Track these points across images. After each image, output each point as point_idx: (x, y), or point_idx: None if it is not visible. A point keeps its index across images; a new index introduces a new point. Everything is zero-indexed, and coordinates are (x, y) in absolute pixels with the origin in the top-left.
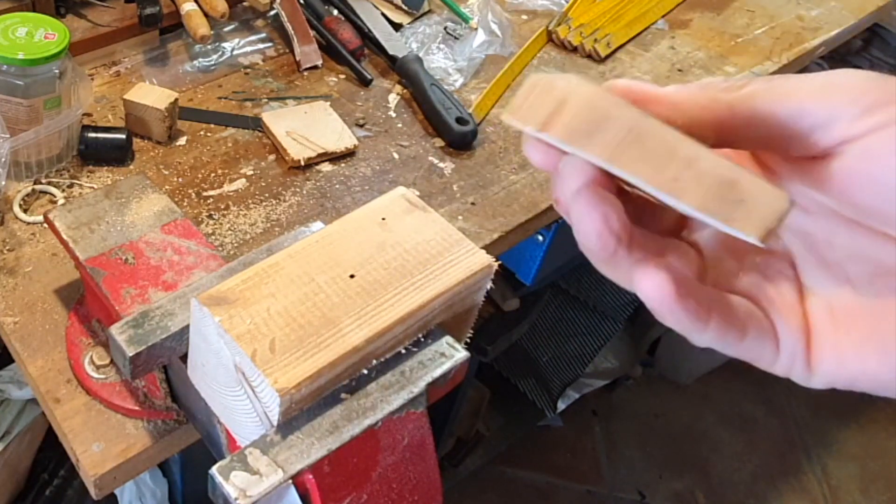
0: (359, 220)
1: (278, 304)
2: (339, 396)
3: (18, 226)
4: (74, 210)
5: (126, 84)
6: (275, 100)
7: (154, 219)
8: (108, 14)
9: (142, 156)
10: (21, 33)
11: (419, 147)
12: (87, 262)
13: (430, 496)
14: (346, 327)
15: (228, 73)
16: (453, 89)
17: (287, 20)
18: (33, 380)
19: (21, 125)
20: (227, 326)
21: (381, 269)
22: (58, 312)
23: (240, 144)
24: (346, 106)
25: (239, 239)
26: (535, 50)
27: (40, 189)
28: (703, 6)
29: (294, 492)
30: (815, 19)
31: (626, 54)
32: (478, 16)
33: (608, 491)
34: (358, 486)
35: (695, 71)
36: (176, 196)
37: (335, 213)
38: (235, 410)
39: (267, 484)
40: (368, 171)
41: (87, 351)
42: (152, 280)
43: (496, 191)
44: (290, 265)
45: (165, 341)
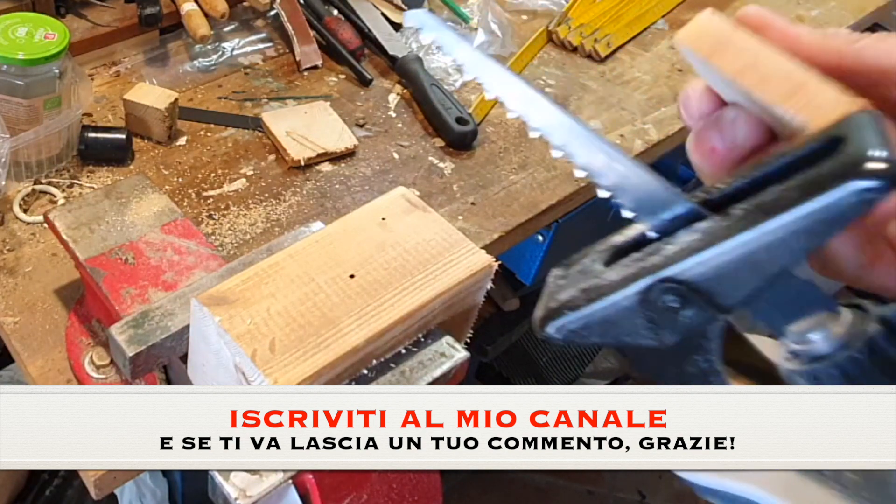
0: (359, 220)
1: (278, 304)
2: None
3: (18, 226)
4: (74, 210)
5: (126, 84)
6: (275, 100)
7: (154, 219)
8: (108, 14)
9: (142, 156)
10: (21, 33)
11: (419, 147)
12: (87, 262)
13: (430, 496)
14: (346, 327)
15: (228, 73)
16: (453, 89)
17: (287, 20)
18: (33, 380)
19: (21, 125)
20: (227, 326)
21: (381, 269)
22: (58, 312)
23: (240, 144)
24: (346, 106)
25: (239, 239)
26: (535, 50)
27: (40, 189)
28: (702, 6)
29: (294, 492)
30: (815, 19)
31: (626, 54)
32: (478, 16)
33: (608, 491)
34: (358, 486)
35: (695, 71)
36: (176, 196)
37: (335, 213)
38: None
39: (267, 484)
40: (368, 171)
41: (87, 351)
42: (152, 280)
43: (496, 191)
44: (290, 265)
45: (165, 341)
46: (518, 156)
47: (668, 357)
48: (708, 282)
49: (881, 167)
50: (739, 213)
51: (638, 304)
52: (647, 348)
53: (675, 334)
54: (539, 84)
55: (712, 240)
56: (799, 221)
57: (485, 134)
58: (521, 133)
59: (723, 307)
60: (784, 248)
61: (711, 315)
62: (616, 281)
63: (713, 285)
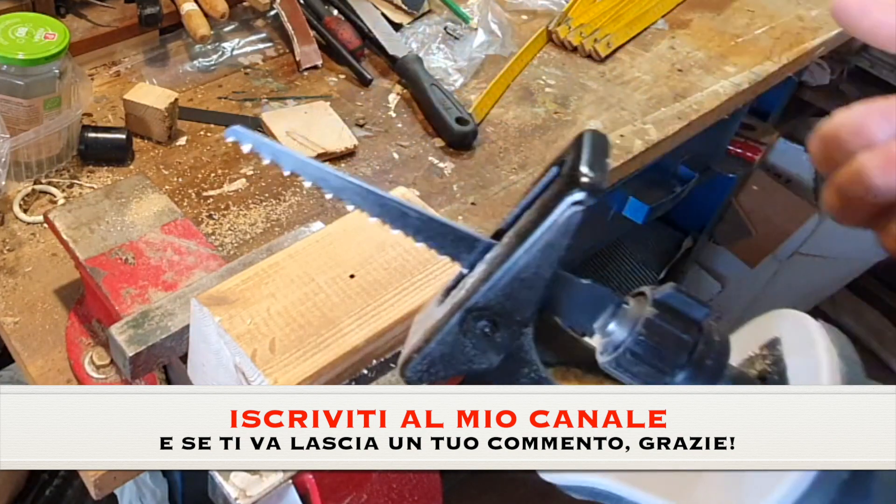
0: (359, 220)
1: (278, 304)
2: None
3: (18, 226)
4: (74, 210)
5: (126, 84)
6: (275, 100)
7: (154, 219)
8: (108, 14)
9: (142, 156)
10: (21, 33)
11: (419, 147)
12: (87, 262)
13: (430, 496)
14: (346, 327)
15: (228, 73)
16: (453, 89)
17: (287, 20)
18: (33, 380)
19: (21, 125)
20: (227, 326)
21: (381, 269)
22: (58, 312)
23: None
24: (346, 106)
25: (239, 239)
26: (535, 50)
27: (40, 189)
28: (703, 6)
29: (294, 492)
30: (815, 19)
31: (626, 54)
32: (478, 16)
33: None
34: (358, 486)
35: (695, 71)
36: (176, 196)
37: (335, 213)
38: None
39: (267, 484)
40: (368, 171)
41: (87, 351)
42: (152, 280)
43: (496, 191)
44: (290, 265)
45: (165, 341)
46: (518, 156)
47: (503, 375)
48: (500, 303)
49: (585, 181)
50: (506, 241)
51: (460, 334)
52: (483, 371)
53: (498, 353)
54: (539, 84)
55: (491, 269)
56: (541, 239)
57: (485, 134)
58: (522, 133)
59: (522, 321)
60: (539, 262)
61: (518, 330)
62: (440, 319)
63: (506, 304)
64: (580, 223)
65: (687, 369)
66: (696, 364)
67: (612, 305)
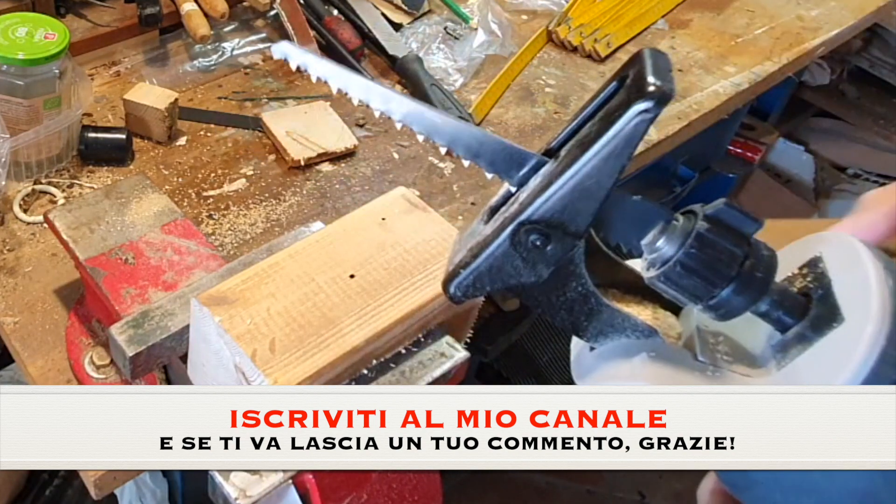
0: (359, 220)
1: (278, 304)
2: None
3: (18, 226)
4: (74, 210)
5: (126, 84)
6: (275, 100)
7: (154, 219)
8: (108, 14)
9: (142, 156)
10: (21, 33)
11: (419, 147)
12: (87, 262)
13: (430, 496)
14: (346, 327)
15: (228, 73)
16: (453, 89)
17: (287, 20)
18: (33, 380)
19: (21, 125)
20: (227, 326)
21: (381, 269)
22: (58, 312)
23: (240, 144)
24: (346, 106)
25: (239, 239)
26: (535, 50)
27: (40, 189)
28: (703, 6)
29: (294, 492)
30: (815, 19)
31: (626, 54)
32: (478, 16)
33: (608, 491)
34: (358, 486)
35: (695, 71)
36: (176, 196)
37: (335, 213)
38: None
39: (267, 484)
40: (368, 171)
41: (87, 351)
42: (152, 280)
43: (496, 191)
44: (290, 265)
45: (165, 341)
46: None
47: (550, 288)
48: (556, 215)
49: (652, 90)
50: (565, 154)
51: (511, 248)
52: (531, 285)
53: (548, 267)
54: (539, 84)
55: (549, 180)
56: (604, 149)
57: None
58: (522, 133)
59: (577, 234)
60: (600, 172)
61: (571, 243)
62: (490, 234)
63: (561, 217)
64: (643, 132)
65: (735, 282)
66: (745, 277)
67: (662, 221)
